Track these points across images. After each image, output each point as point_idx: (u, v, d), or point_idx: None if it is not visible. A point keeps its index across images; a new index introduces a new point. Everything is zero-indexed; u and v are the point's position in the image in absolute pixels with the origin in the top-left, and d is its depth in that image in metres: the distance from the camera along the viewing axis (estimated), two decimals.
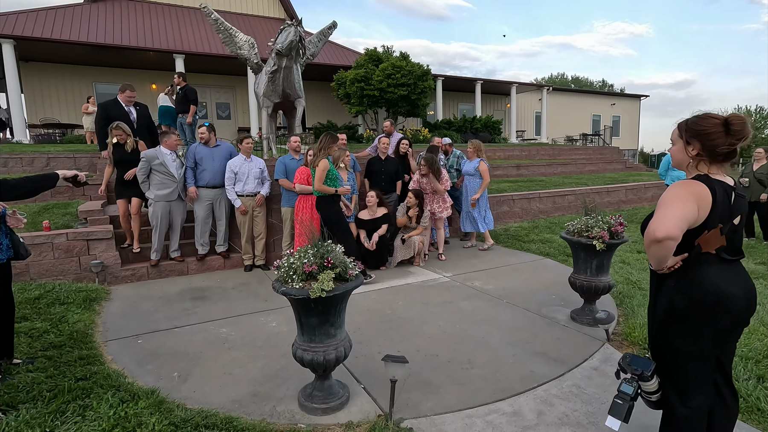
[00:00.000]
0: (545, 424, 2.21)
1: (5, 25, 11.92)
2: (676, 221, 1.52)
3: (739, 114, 1.61)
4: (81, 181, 2.81)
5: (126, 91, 5.63)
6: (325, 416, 2.28)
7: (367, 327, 3.49)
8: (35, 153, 8.30)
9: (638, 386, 1.80)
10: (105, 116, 5.43)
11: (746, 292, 1.65)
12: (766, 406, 2.29)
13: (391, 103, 14.36)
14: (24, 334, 3.26)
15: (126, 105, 5.60)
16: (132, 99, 5.67)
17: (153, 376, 2.76)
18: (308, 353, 2.23)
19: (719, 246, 1.62)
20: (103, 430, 2.11)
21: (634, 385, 1.79)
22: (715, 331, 1.64)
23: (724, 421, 1.79)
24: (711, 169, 1.66)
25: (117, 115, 5.42)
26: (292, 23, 6.26)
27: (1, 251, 2.67)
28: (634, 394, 1.78)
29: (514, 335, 3.28)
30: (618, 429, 1.78)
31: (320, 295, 2.06)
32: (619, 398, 1.78)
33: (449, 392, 2.50)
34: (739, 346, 2.99)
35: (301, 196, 4.89)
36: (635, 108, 28.25)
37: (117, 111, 5.50)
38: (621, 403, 1.77)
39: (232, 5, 17.19)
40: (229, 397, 2.50)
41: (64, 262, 4.69)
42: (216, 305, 4.11)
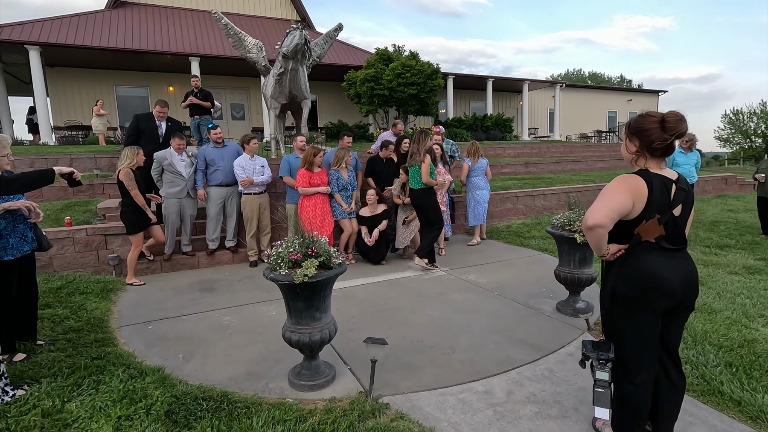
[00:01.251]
0: (512, 401, 2.38)
1: (32, 32, 12.53)
2: (606, 211, 1.68)
3: (676, 112, 1.76)
4: (76, 179, 2.99)
5: (157, 106, 5.77)
6: (311, 392, 2.50)
7: (360, 315, 3.70)
8: (59, 154, 8.77)
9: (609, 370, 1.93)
10: (135, 127, 5.64)
11: (683, 278, 1.79)
12: (726, 390, 2.41)
13: (401, 102, 14.53)
14: (47, 319, 3.57)
15: (158, 119, 5.72)
16: (162, 114, 5.74)
17: (160, 357, 3.02)
18: (295, 334, 2.45)
19: (658, 235, 1.77)
20: (114, 401, 2.36)
21: (607, 370, 1.91)
22: (653, 313, 1.78)
23: (670, 396, 1.94)
24: (650, 164, 1.81)
25: (146, 127, 5.61)
26: (297, 27, 6.50)
27: (26, 243, 2.97)
28: (610, 378, 1.91)
29: (497, 324, 3.44)
30: (608, 416, 1.89)
31: (303, 281, 2.27)
32: (599, 387, 1.86)
33: (428, 374, 2.69)
34: (716, 335, 3.09)
35: (303, 196, 5.09)
36: (653, 104, 27.73)
37: (147, 124, 5.66)
38: (603, 392, 1.85)
39: (245, 8, 17.60)
40: (226, 375, 2.74)
41: (84, 256, 5.03)
42: (222, 296, 4.38)
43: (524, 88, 20.30)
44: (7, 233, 2.84)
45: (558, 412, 2.28)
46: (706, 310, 3.60)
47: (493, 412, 2.29)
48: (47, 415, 2.24)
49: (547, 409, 2.31)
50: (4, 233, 2.82)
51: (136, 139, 5.47)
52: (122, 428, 2.14)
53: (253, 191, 5.48)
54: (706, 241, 6.26)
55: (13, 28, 12.54)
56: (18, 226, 2.91)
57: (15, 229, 2.89)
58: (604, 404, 1.82)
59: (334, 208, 5.34)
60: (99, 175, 7.69)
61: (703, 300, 3.84)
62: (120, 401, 2.36)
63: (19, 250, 2.90)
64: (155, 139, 5.58)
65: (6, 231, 2.83)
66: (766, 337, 3.08)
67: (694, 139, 7.19)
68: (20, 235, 2.92)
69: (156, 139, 5.59)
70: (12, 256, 2.85)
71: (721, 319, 3.41)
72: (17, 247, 2.89)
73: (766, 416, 2.20)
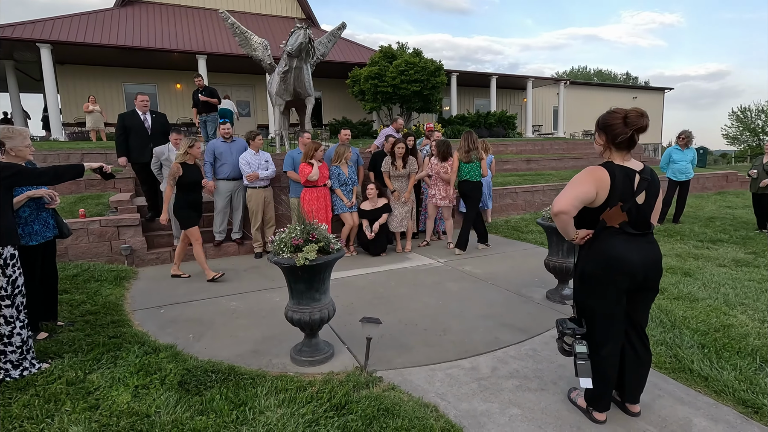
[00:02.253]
0: (496, 376, 2.58)
1: (43, 30, 12.82)
2: (569, 200, 1.88)
3: (638, 109, 1.94)
4: (107, 173, 3.22)
5: (138, 96, 5.71)
6: (311, 367, 2.71)
7: (359, 302, 3.91)
8: (70, 150, 9.04)
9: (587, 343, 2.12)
10: (122, 126, 5.58)
11: (645, 260, 1.97)
12: (696, 367, 2.59)
13: (404, 99, 14.69)
14: (65, 303, 3.82)
15: (142, 113, 5.66)
16: (145, 103, 5.69)
17: (172, 337, 3.25)
18: (296, 314, 2.66)
19: (622, 221, 1.96)
20: (131, 372, 2.59)
21: (584, 343, 2.11)
22: (616, 290, 1.97)
23: (636, 368, 2.12)
24: (615, 156, 1.99)
25: (133, 124, 5.59)
26: (302, 26, 6.70)
27: (48, 229, 3.21)
28: (587, 350, 2.10)
29: (489, 310, 3.63)
30: (591, 385, 2.08)
31: (304, 264, 2.48)
32: (580, 359, 2.05)
33: (420, 352, 2.90)
34: (695, 321, 3.27)
35: (306, 188, 5.30)
36: (658, 101, 27.66)
37: (133, 120, 5.62)
38: (584, 363, 2.05)
39: (252, 6, 17.81)
40: (233, 352, 2.96)
41: (97, 246, 5.28)
42: (229, 284, 4.60)
43: (528, 85, 20.38)
44: (32, 220, 3.07)
45: (537, 386, 2.48)
46: (689, 298, 3.77)
47: (478, 385, 2.49)
48: (71, 383, 2.47)
49: (528, 383, 2.50)
50: (28, 220, 3.05)
51: (125, 138, 5.57)
52: (140, 395, 2.37)
53: (258, 185, 5.70)
54: (700, 236, 6.40)
55: (25, 26, 12.83)
56: (41, 214, 3.14)
57: (38, 216, 3.12)
58: (587, 374, 2.01)
59: (335, 202, 5.55)
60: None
61: (688, 289, 4.01)
62: (137, 373, 2.58)
63: (43, 236, 3.14)
64: (143, 133, 5.59)
65: (30, 218, 3.07)
66: (742, 323, 3.25)
67: (690, 137, 7.32)
68: (43, 222, 3.15)
69: (144, 132, 5.60)
70: (36, 242, 3.09)
71: (702, 307, 3.58)
72: (41, 233, 3.12)
73: (729, 390, 2.38)
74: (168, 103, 16.08)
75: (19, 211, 3.01)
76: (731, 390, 2.38)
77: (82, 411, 2.21)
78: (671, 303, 3.66)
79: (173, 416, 2.16)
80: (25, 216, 3.04)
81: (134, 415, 2.18)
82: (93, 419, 2.16)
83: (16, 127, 3.11)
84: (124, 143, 5.61)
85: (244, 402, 2.27)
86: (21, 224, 3.02)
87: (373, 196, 5.64)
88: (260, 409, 2.22)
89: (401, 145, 5.73)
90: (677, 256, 5.27)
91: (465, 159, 5.62)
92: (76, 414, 2.19)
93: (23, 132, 3.10)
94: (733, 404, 2.30)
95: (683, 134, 7.27)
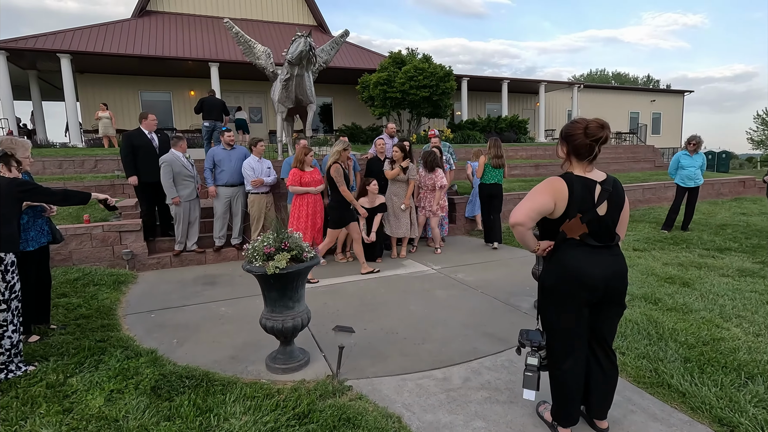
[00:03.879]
0: (467, 387, 2.55)
1: (63, 41, 13.32)
2: (526, 211, 1.86)
3: (599, 119, 1.91)
4: (111, 205, 3.39)
5: (149, 116, 5.75)
6: (284, 375, 2.74)
7: (345, 309, 3.92)
8: (86, 156, 9.35)
9: (541, 356, 2.11)
10: (130, 145, 5.59)
11: (606, 272, 1.92)
12: (674, 382, 2.51)
13: (413, 104, 14.71)
14: (62, 307, 3.94)
15: (148, 132, 5.71)
16: (155, 123, 5.79)
17: (156, 341, 3.32)
18: (270, 321, 2.69)
19: (582, 232, 1.92)
20: (109, 377, 2.66)
21: (537, 356, 2.09)
22: (576, 304, 1.93)
23: (601, 385, 2.08)
24: (576, 167, 1.96)
25: (140, 143, 5.62)
26: (302, 34, 6.80)
27: (43, 236, 3.32)
28: (539, 364, 2.09)
29: (472, 319, 3.60)
30: (534, 398, 2.09)
31: (275, 272, 2.51)
32: (528, 371, 2.07)
33: (395, 362, 2.89)
34: (684, 333, 3.17)
35: (296, 195, 5.33)
36: (678, 104, 27.01)
37: (140, 140, 5.65)
38: (531, 375, 2.07)
39: (264, 14, 18.15)
40: (212, 358, 3.00)
41: (100, 251, 5.44)
42: (222, 289, 4.68)
43: (541, 89, 20.15)
44: (29, 227, 3.19)
45: (507, 398, 2.44)
46: (681, 310, 3.66)
47: (446, 396, 2.47)
48: (51, 386, 2.55)
49: (498, 395, 2.47)
50: (26, 227, 3.17)
51: (134, 157, 5.58)
52: (113, 399, 2.43)
53: (261, 191, 5.79)
54: (708, 244, 6.21)
55: (47, 37, 13.36)
56: (37, 221, 3.26)
57: (35, 224, 3.24)
58: (531, 386, 1.99)
59: None
60: (119, 176, 8.17)
61: (684, 300, 3.90)
62: (114, 377, 2.65)
63: (38, 242, 3.25)
64: (152, 153, 5.63)
65: (27, 225, 3.18)
66: (734, 336, 3.14)
67: (700, 142, 7.12)
68: (39, 229, 3.27)
69: (153, 152, 5.63)
70: (32, 248, 3.21)
71: (694, 319, 3.47)
72: (36, 239, 3.24)
73: (706, 406, 2.30)
74: (182, 110, 16.48)
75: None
76: (708, 407, 2.30)
77: (55, 414, 2.28)
78: (663, 314, 3.56)
79: (140, 421, 2.21)
80: (23, 223, 3.16)
81: (103, 419, 2.24)
82: (64, 422, 2.22)
83: (18, 139, 3.25)
84: (132, 162, 5.58)
85: (211, 408, 2.30)
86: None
87: (374, 192, 5.63)
88: (225, 416, 2.25)
89: (399, 155, 5.72)
90: (679, 265, 5.12)
91: (494, 164, 6.12)
92: (49, 417, 2.26)
93: (25, 144, 3.23)
94: (709, 422, 2.23)
95: (694, 140, 7.08)
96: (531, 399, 2.01)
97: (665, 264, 5.18)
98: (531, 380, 1.99)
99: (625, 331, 3.20)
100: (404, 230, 5.78)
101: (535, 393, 2.01)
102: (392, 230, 5.79)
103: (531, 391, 1.99)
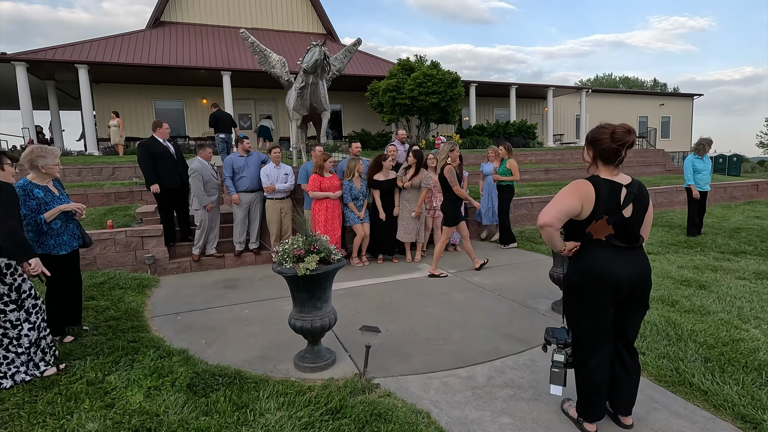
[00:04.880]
0: (491, 385, 2.62)
1: (81, 52, 13.67)
2: (554, 212, 1.94)
3: (626, 125, 1.99)
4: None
5: (162, 125, 5.78)
6: (312, 373, 2.82)
7: (365, 311, 4.01)
8: (103, 164, 9.57)
9: (567, 353, 2.18)
10: (148, 153, 5.61)
11: (631, 272, 1.99)
12: (696, 381, 2.56)
13: (422, 110, 14.84)
14: (92, 309, 4.07)
15: (163, 140, 5.75)
16: (168, 131, 5.81)
17: (186, 342, 3.42)
18: (299, 321, 2.79)
19: (608, 234, 2.00)
20: (145, 375, 2.76)
21: (564, 353, 2.17)
22: (601, 302, 2.00)
23: (624, 381, 2.14)
24: (602, 170, 2.04)
25: (158, 150, 5.65)
26: (317, 43, 6.94)
27: (75, 239, 3.46)
28: (565, 360, 2.16)
29: (491, 320, 3.67)
30: (561, 393, 2.16)
31: (305, 273, 2.61)
32: (555, 367, 2.14)
33: (419, 361, 2.97)
34: (704, 334, 3.21)
35: (315, 200, 5.45)
36: (687, 108, 26.88)
37: (158, 148, 5.68)
38: (558, 371, 2.14)
39: (275, 24, 18.45)
40: (241, 358, 3.10)
41: (123, 255, 5.58)
42: (244, 292, 4.79)
43: (549, 94, 20.21)
44: (61, 231, 3.33)
45: (531, 395, 2.51)
46: (700, 312, 3.70)
47: (472, 394, 2.54)
48: (91, 384, 2.67)
49: (522, 393, 2.54)
50: (59, 231, 3.31)
51: (153, 165, 5.59)
52: (151, 396, 2.53)
53: (276, 197, 5.91)
54: (722, 247, 6.22)
55: (65, 49, 13.72)
56: (69, 225, 3.39)
57: (67, 228, 3.37)
58: (558, 382, 2.06)
59: (346, 215, 5.69)
60: (137, 183, 8.36)
61: (701, 302, 3.93)
62: (150, 375, 2.76)
63: (70, 246, 3.39)
64: (170, 159, 5.69)
65: (61, 230, 3.32)
66: (753, 337, 3.18)
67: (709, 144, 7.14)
68: (71, 233, 3.41)
69: (171, 159, 5.69)
70: (65, 251, 3.34)
71: (713, 320, 3.51)
72: (69, 243, 3.38)
73: (728, 404, 2.35)
74: (194, 118, 16.76)
75: (51, 223, 3.26)
76: (731, 404, 2.35)
77: (98, 409, 2.39)
78: (681, 316, 3.60)
79: (180, 416, 2.31)
80: (57, 228, 3.30)
81: (145, 413, 2.34)
82: (108, 417, 2.33)
83: (48, 147, 3.39)
84: (153, 170, 5.61)
85: (246, 404, 2.40)
86: (53, 235, 3.28)
87: (388, 167, 5.81)
88: (261, 411, 2.34)
89: (413, 160, 5.82)
90: (695, 268, 5.14)
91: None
92: (93, 412, 2.36)
93: (54, 151, 3.36)
94: (732, 419, 2.28)
95: (705, 141, 7.09)
96: (558, 394, 2.08)
97: (680, 267, 5.20)
98: (558, 376, 2.06)
99: (644, 332, 3.24)
100: (415, 235, 5.87)
101: (562, 389, 2.08)
102: (402, 235, 5.87)
103: (558, 387, 2.06)
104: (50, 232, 3.26)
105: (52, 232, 3.27)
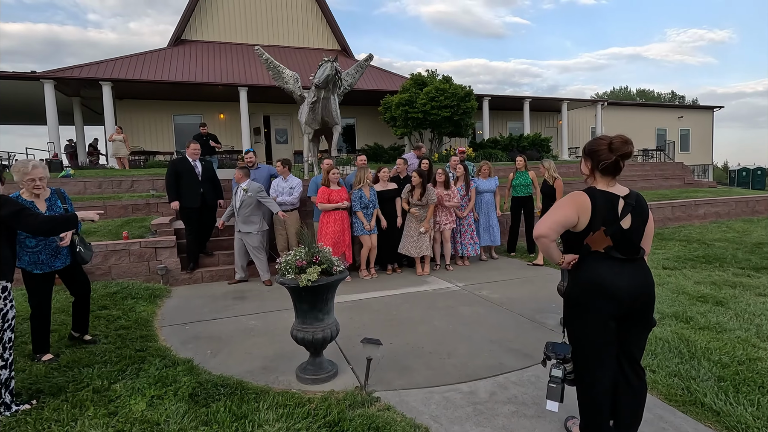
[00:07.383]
0: (493, 401, 2.57)
1: (105, 70, 14.21)
2: (550, 224, 1.92)
3: (623, 136, 1.97)
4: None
5: (191, 145, 5.93)
6: (313, 385, 2.82)
7: (371, 324, 4.00)
8: (123, 177, 9.85)
9: (566, 369, 2.13)
10: (174, 172, 5.78)
11: (632, 285, 1.95)
12: (708, 401, 2.47)
13: (435, 124, 14.91)
14: (104, 318, 4.16)
15: (192, 159, 5.86)
16: (197, 151, 5.91)
17: (191, 352, 3.46)
18: (300, 332, 2.79)
19: (607, 245, 1.97)
20: (149, 383, 2.80)
21: (561, 369, 2.12)
22: (601, 316, 1.96)
23: (629, 400, 2.07)
24: (599, 182, 2.02)
25: (184, 169, 5.79)
26: (329, 59, 7.09)
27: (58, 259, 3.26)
28: (563, 376, 2.11)
29: (497, 335, 3.61)
30: (557, 410, 2.12)
31: (307, 285, 2.62)
32: (552, 382, 2.10)
33: (421, 375, 2.93)
34: (719, 352, 3.10)
35: (323, 212, 5.49)
36: (707, 120, 26.35)
37: (184, 166, 5.83)
38: (555, 387, 2.09)
39: (291, 41, 18.90)
40: (244, 368, 3.12)
41: (137, 266, 5.70)
42: (251, 303, 4.83)
43: (563, 107, 20.09)
44: (38, 250, 3.14)
45: (534, 413, 2.45)
46: (715, 329, 3.58)
47: (473, 409, 2.49)
48: (97, 391, 2.71)
49: (525, 410, 2.48)
50: (35, 250, 3.13)
51: (176, 182, 5.72)
52: (154, 405, 2.56)
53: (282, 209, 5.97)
54: (743, 263, 6.02)
55: (90, 67, 14.30)
56: (50, 245, 3.19)
57: (47, 247, 3.18)
58: (555, 398, 2.01)
59: (355, 225, 5.71)
60: (154, 195, 8.56)
61: (717, 319, 3.80)
62: (154, 384, 2.79)
63: (49, 266, 3.20)
64: (194, 179, 5.78)
65: (37, 248, 3.13)
66: None
67: None
68: (52, 253, 3.20)
69: (195, 178, 5.79)
70: (40, 271, 3.16)
71: (729, 338, 3.39)
72: (47, 263, 3.19)
73: (742, 425, 2.26)
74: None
75: (26, 240, 3.08)
76: (744, 426, 2.25)
77: (102, 417, 2.43)
78: (695, 333, 3.49)
79: (180, 425, 2.33)
80: (32, 245, 3.11)
81: (146, 422, 2.37)
82: (110, 425, 2.36)
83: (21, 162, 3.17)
84: (174, 187, 5.74)
85: (246, 415, 2.40)
86: (28, 252, 3.12)
87: (385, 179, 5.91)
88: (259, 423, 2.34)
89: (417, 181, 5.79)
90: (712, 284, 4.99)
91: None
92: (97, 419, 2.40)
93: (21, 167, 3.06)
94: None
95: None
96: (554, 410, 2.03)
97: (697, 283, 5.05)
98: (555, 391, 2.02)
99: (656, 349, 3.15)
100: (423, 250, 5.85)
101: (559, 405, 2.03)
102: (407, 249, 5.85)
103: (554, 403, 2.02)
104: (24, 247, 3.10)
105: (27, 249, 3.11)
